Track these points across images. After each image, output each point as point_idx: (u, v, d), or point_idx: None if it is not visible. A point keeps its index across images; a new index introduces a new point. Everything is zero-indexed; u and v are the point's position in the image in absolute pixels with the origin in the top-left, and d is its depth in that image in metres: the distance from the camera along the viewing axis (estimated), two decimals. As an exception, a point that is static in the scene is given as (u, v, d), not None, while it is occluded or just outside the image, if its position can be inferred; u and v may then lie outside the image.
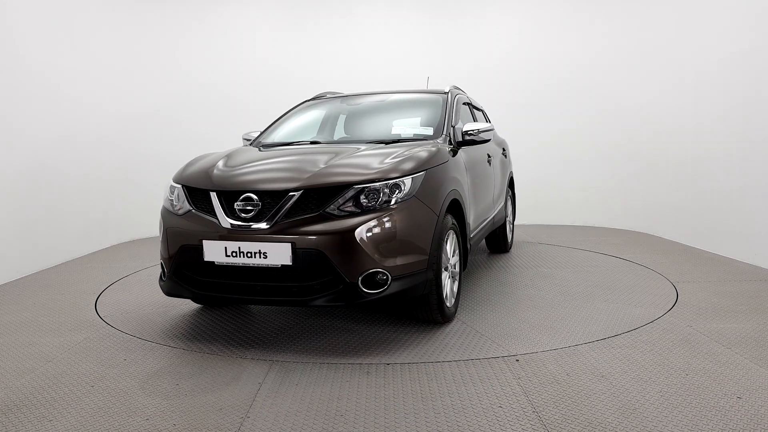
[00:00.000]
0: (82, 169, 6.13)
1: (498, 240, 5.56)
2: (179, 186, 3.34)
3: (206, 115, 7.42)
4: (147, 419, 2.31)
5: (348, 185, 2.95)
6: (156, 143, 7.13)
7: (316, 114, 4.66)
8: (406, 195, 3.02)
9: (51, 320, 3.72)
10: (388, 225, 2.91)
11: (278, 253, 2.85)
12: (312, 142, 4.05)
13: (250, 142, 4.34)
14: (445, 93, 4.36)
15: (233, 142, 5.55)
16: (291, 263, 2.85)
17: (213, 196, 3.10)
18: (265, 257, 2.87)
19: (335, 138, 4.38)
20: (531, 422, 2.22)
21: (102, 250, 6.33)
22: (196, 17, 7.42)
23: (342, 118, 4.59)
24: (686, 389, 2.48)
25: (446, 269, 3.37)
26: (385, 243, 2.89)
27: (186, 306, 3.97)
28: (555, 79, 7.47)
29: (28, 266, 5.18)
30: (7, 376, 2.79)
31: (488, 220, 4.66)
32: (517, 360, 2.87)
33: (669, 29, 6.37)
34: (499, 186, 5.12)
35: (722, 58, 5.42)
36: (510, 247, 5.83)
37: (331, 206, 2.91)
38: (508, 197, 5.77)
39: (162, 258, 3.31)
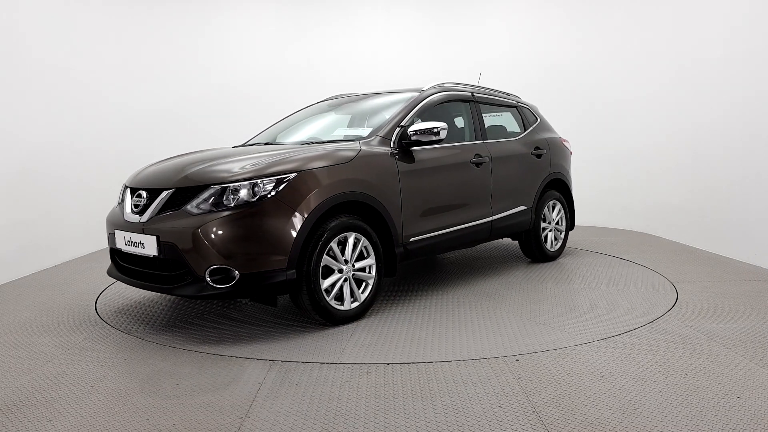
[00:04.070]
0: (82, 168, 6.13)
1: (531, 247, 5.15)
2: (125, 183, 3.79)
3: (208, 116, 7.42)
4: (147, 419, 2.31)
5: (207, 185, 3.18)
6: (156, 143, 7.11)
7: (305, 116, 4.84)
8: (265, 196, 3.12)
9: (51, 320, 3.72)
10: (238, 223, 3.05)
11: (150, 245, 3.23)
12: (266, 144, 4.37)
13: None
14: (419, 92, 4.32)
15: (234, 143, 5.56)
16: (158, 254, 3.19)
17: (127, 191, 3.59)
18: (144, 247, 3.27)
19: (294, 140, 4.40)
20: (531, 422, 2.22)
21: (102, 250, 6.32)
22: (199, 19, 7.42)
23: (318, 120, 4.72)
24: (686, 389, 2.48)
25: (340, 272, 3.39)
26: (234, 240, 3.04)
27: (186, 306, 3.97)
28: (554, 79, 7.47)
29: (28, 266, 5.18)
30: (7, 376, 2.79)
31: (467, 226, 4.29)
32: (517, 360, 2.87)
33: (667, 27, 6.37)
34: (508, 188, 4.70)
35: (722, 57, 5.42)
36: (553, 257, 5.28)
37: (192, 204, 3.17)
38: (551, 202, 5.25)
39: None
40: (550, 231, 5.30)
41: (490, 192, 4.53)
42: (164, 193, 3.28)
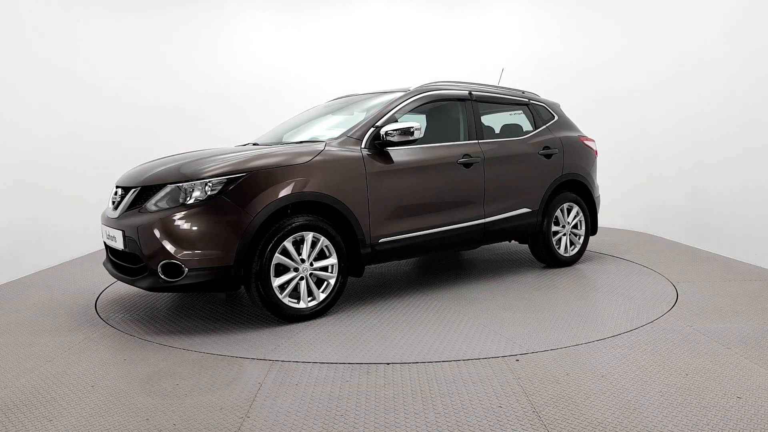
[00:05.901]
0: (81, 168, 6.13)
1: (540, 252, 4.92)
2: None
3: (209, 116, 7.42)
4: (147, 419, 2.31)
5: (164, 184, 3.40)
6: (157, 144, 7.11)
7: (305, 117, 4.85)
8: (214, 195, 3.28)
9: (51, 320, 3.72)
10: (188, 221, 3.24)
11: (118, 239, 3.49)
12: (254, 144, 4.44)
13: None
14: (404, 91, 4.29)
15: (235, 143, 5.56)
16: (123, 248, 3.45)
17: (114, 189, 3.83)
18: (115, 241, 3.54)
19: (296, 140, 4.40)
20: (531, 422, 2.22)
21: (102, 250, 6.33)
22: (200, 19, 7.42)
23: (310, 121, 4.74)
24: (686, 389, 2.48)
25: (296, 270, 3.47)
26: (183, 237, 3.24)
27: (186, 306, 3.97)
28: (554, 78, 7.47)
29: (28, 266, 5.18)
30: (7, 376, 2.79)
31: (452, 228, 4.19)
32: (517, 360, 2.87)
33: (670, 27, 6.37)
34: (506, 190, 4.55)
35: (721, 56, 5.42)
36: (568, 262, 5.02)
37: (150, 202, 3.40)
38: (565, 204, 4.98)
39: None
40: (565, 235, 5.00)
41: (483, 193, 4.40)
42: (131, 191, 3.54)
